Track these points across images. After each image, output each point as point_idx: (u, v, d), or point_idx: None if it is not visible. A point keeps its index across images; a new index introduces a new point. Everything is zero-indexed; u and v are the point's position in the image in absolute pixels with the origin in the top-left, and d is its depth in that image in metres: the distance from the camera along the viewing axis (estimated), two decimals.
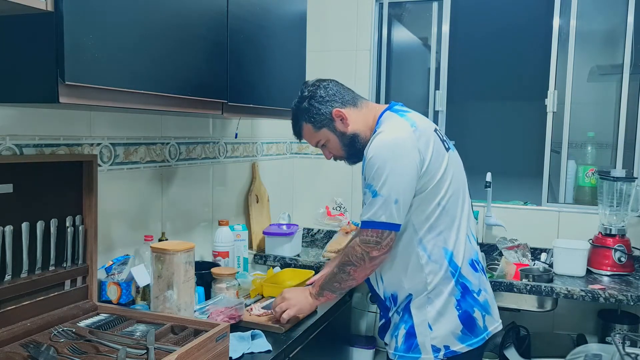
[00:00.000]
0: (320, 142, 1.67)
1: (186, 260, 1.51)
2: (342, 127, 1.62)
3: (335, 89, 1.65)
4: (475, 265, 1.61)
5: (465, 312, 1.55)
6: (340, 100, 1.63)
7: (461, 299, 1.55)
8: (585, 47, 2.84)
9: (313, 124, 1.63)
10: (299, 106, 1.65)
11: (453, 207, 1.56)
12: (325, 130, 1.64)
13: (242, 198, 2.53)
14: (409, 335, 1.57)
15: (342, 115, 1.61)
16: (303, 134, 1.68)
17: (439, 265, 1.54)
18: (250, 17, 1.82)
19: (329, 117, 1.62)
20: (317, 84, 1.65)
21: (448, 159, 1.57)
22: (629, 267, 2.37)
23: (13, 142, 1.42)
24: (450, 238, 1.55)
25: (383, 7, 3.01)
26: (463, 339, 1.55)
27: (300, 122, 1.66)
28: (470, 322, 1.55)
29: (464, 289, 1.56)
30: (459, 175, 1.62)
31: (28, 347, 1.25)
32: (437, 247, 1.54)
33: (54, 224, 1.41)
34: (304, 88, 1.66)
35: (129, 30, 1.28)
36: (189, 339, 1.32)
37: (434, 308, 1.54)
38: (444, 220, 1.54)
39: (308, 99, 1.63)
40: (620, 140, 2.65)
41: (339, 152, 1.67)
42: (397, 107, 1.64)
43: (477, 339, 1.56)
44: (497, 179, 2.68)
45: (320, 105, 1.61)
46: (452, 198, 1.56)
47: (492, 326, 1.62)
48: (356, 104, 1.65)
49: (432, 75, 3.01)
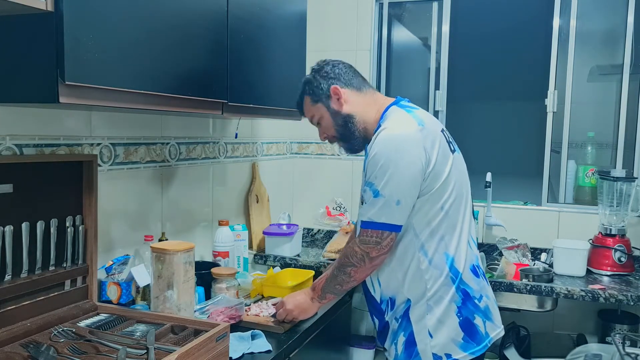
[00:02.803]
0: (315, 117, 1.68)
1: (186, 260, 1.51)
2: (336, 105, 1.62)
3: (344, 70, 1.65)
4: (477, 270, 1.58)
5: (466, 318, 1.52)
6: (343, 80, 1.63)
7: (462, 305, 1.52)
8: (585, 47, 2.84)
9: (311, 96, 1.65)
10: (306, 77, 1.68)
11: (455, 211, 1.53)
12: (320, 106, 1.64)
13: (242, 198, 2.53)
14: (409, 343, 1.54)
15: (339, 94, 1.61)
16: (303, 107, 1.70)
17: (440, 271, 1.51)
18: (250, 17, 1.81)
19: (326, 93, 1.62)
20: (329, 60, 1.67)
21: (452, 162, 1.53)
22: (629, 267, 2.37)
23: (13, 142, 1.42)
24: (451, 243, 1.52)
25: (383, 7, 3.01)
26: (465, 346, 1.51)
27: (303, 94, 1.68)
28: (471, 329, 1.52)
29: (465, 295, 1.52)
30: (462, 178, 1.58)
31: (28, 347, 1.25)
32: (438, 253, 1.50)
33: (54, 224, 1.41)
34: (318, 62, 1.68)
35: (129, 30, 1.28)
36: (189, 339, 1.32)
37: (434, 315, 1.51)
38: (445, 225, 1.51)
39: (314, 72, 1.66)
40: (620, 140, 2.65)
41: (331, 131, 1.66)
42: (404, 103, 1.62)
43: (479, 346, 1.53)
44: (497, 179, 2.68)
45: (322, 80, 1.63)
46: (455, 202, 1.52)
47: (494, 332, 1.58)
48: (360, 89, 1.65)
49: (432, 75, 3.01)
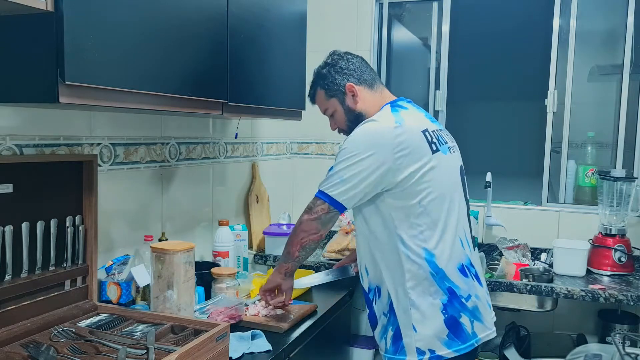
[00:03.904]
0: (328, 110, 1.73)
1: (186, 260, 1.51)
2: (351, 102, 1.67)
3: (358, 64, 1.69)
4: (465, 270, 1.58)
5: (451, 316, 1.54)
6: (357, 76, 1.67)
7: (448, 303, 1.54)
8: (585, 47, 2.84)
9: (326, 91, 1.69)
10: (320, 71, 1.71)
11: (437, 209, 1.54)
12: (335, 101, 1.69)
13: (242, 198, 2.53)
14: (396, 337, 1.57)
15: (354, 92, 1.66)
16: (316, 99, 1.75)
17: (418, 265, 1.53)
18: (250, 17, 1.81)
19: (342, 90, 1.67)
20: (343, 55, 1.71)
21: (433, 161, 1.54)
22: (629, 267, 2.37)
23: (13, 142, 1.42)
24: (431, 239, 1.53)
25: (383, 7, 3.01)
26: (449, 344, 1.53)
27: (316, 86, 1.72)
28: (456, 327, 1.54)
29: (451, 293, 1.54)
30: (447, 178, 1.59)
31: (28, 347, 1.25)
32: (416, 246, 1.53)
33: (54, 224, 1.41)
34: (331, 55, 1.72)
35: (129, 30, 1.28)
36: (189, 339, 1.32)
37: (417, 310, 1.53)
38: (425, 220, 1.53)
39: (329, 66, 1.69)
40: (620, 140, 2.65)
41: (343, 125, 1.72)
42: (400, 102, 1.66)
43: (465, 345, 1.54)
44: (497, 179, 2.68)
45: (337, 75, 1.67)
46: (436, 200, 1.54)
47: (483, 333, 1.59)
48: (372, 86, 1.69)
49: (432, 75, 3.02)
